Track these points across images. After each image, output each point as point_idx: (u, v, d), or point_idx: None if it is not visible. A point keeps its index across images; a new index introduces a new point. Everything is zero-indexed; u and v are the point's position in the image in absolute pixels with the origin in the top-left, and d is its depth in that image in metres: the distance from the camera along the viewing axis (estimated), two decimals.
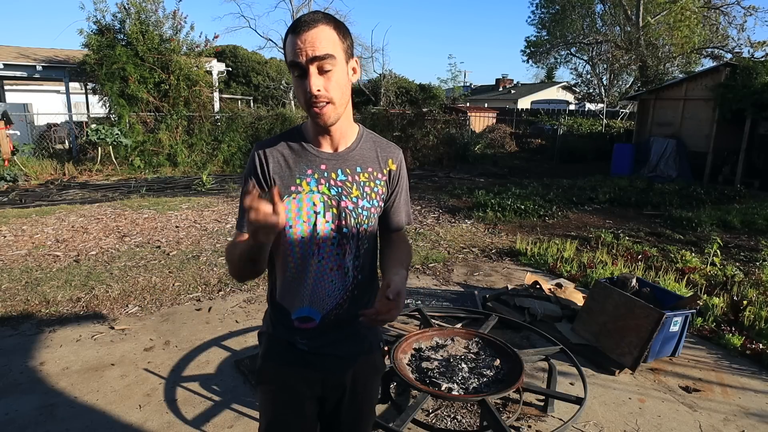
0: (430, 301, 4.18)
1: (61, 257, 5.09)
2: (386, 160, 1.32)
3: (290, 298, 1.28)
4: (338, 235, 1.25)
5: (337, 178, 1.24)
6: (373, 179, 1.29)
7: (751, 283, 4.65)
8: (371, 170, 1.29)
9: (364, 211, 1.27)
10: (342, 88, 1.16)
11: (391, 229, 1.40)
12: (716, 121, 11.63)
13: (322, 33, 1.11)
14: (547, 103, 27.32)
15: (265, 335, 1.38)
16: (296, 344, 1.30)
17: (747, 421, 2.69)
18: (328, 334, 1.29)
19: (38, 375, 2.92)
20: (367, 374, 1.39)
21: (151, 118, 11.57)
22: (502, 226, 7.07)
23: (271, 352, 1.35)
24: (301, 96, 1.15)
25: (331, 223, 1.23)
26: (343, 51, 1.15)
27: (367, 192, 1.27)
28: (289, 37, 1.13)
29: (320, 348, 1.30)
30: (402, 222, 1.41)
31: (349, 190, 1.25)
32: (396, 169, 1.34)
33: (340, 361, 1.32)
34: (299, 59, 1.11)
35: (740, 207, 8.38)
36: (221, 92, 15.76)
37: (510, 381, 2.28)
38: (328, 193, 1.23)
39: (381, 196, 1.31)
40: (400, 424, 2.18)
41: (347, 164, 1.26)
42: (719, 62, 14.93)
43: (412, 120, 13.99)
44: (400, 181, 1.35)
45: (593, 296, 3.57)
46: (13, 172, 9.46)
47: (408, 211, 1.43)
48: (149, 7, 11.38)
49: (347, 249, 1.26)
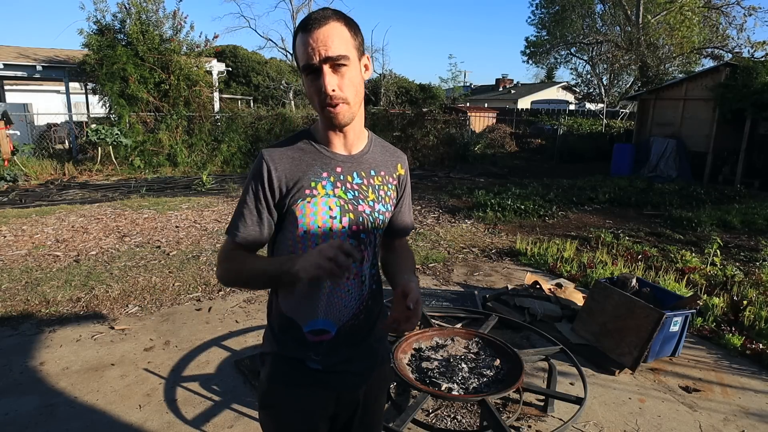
0: (430, 301, 4.18)
1: (61, 257, 5.09)
2: (396, 165, 1.30)
3: (302, 311, 1.19)
4: (356, 241, 1.18)
5: (353, 181, 1.18)
6: (386, 183, 1.25)
7: (751, 283, 4.64)
8: (384, 174, 1.25)
9: (381, 215, 1.22)
10: (356, 87, 1.10)
11: (397, 235, 1.37)
12: (716, 121, 11.63)
13: (334, 31, 1.05)
14: (547, 103, 27.32)
15: (271, 356, 1.24)
16: (308, 362, 1.20)
17: (747, 421, 2.69)
18: (342, 350, 1.21)
19: (38, 375, 2.92)
20: (378, 387, 1.36)
21: (151, 118, 11.57)
22: (502, 226, 7.07)
23: (278, 373, 1.22)
24: (315, 96, 1.09)
25: (348, 228, 1.16)
26: (355, 48, 1.09)
27: (381, 195, 1.23)
28: (300, 35, 1.06)
29: (335, 366, 1.21)
30: (409, 227, 1.39)
31: (365, 194, 1.19)
32: (404, 174, 1.32)
33: (356, 378, 1.26)
34: (313, 61, 1.05)
35: (740, 207, 8.37)
36: (221, 92, 15.76)
37: (510, 381, 2.28)
38: (344, 197, 1.16)
39: (393, 200, 1.27)
40: (400, 424, 2.18)
41: (362, 167, 1.20)
42: (719, 62, 14.94)
43: (412, 120, 13.99)
44: (406, 186, 1.33)
45: (593, 296, 3.57)
46: (13, 172, 9.46)
47: (412, 217, 1.42)
48: (149, 7, 11.39)
49: (365, 256, 1.20)
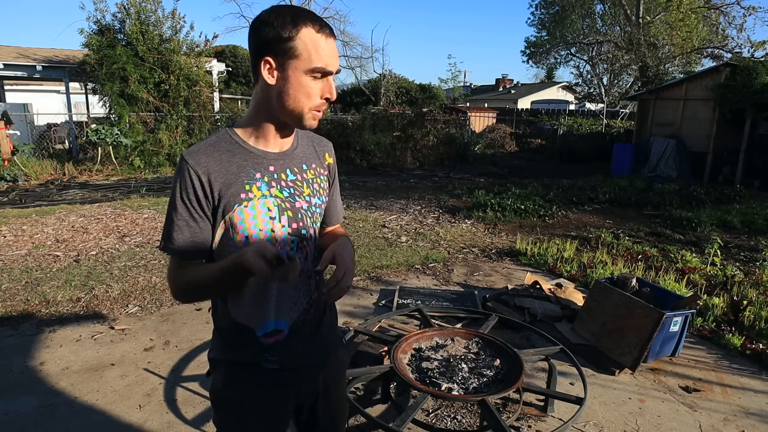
0: (430, 301, 4.18)
1: (61, 257, 5.09)
2: (324, 155, 1.30)
3: (253, 315, 1.17)
4: (297, 238, 1.18)
5: (287, 178, 1.18)
6: (318, 175, 1.26)
7: (751, 283, 4.65)
8: (315, 166, 1.25)
9: (317, 209, 1.24)
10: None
11: (331, 224, 1.38)
12: (716, 121, 11.64)
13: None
14: (547, 103, 27.34)
15: (222, 363, 1.22)
16: (264, 364, 1.19)
17: (747, 421, 2.69)
18: (297, 345, 1.22)
19: (38, 375, 2.92)
20: (336, 373, 1.38)
21: (151, 118, 11.58)
22: (502, 226, 7.07)
23: (232, 380, 1.21)
24: (311, 97, 1.09)
25: (288, 226, 1.16)
26: None
27: (316, 189, 1.24)
28: (323, 36, 1.07)
29: (290, 362, 1.22)
30: (341, 215, 1.41)
31: (300, 190, 1.20)
32: (333, 162, 1.33)
33: (312, 370, 1.28)
34: (331, 68, 1.09)
35: (740, 207, 8.38)
36: (221, 92, 15.75)
37: (510, 381, 2.28)
38: (281, 195, 1.16)
39: (326, 191, 1.29)
40: (400, 424, 2.18)
41: (294, 162, 1.20)
42: (719, 62, 14.93)
43: (412, 120, 13.98)
44: (335, 174, 1.34)
45: (593, 296, 3.57)
46: (13, 172, 9.46)
47: (341, 205, 1.43)
48: (149, 7, 11.39)
49: (307, 251, 1.21)
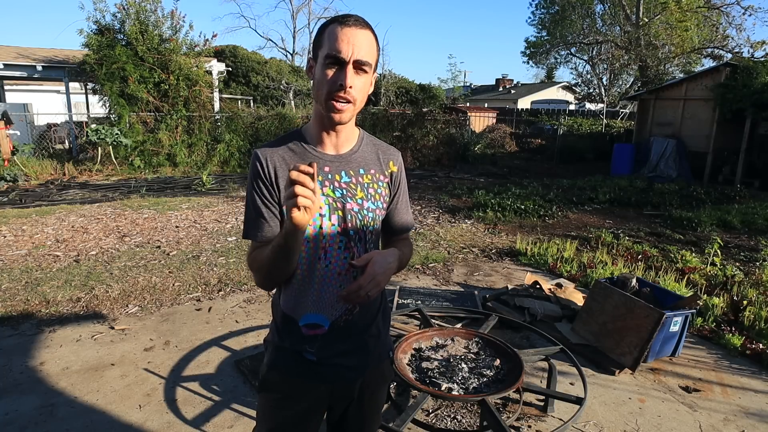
0: (430, 301, 4.18)
1: (61, 257, 5.09)
2: (387, 162, 1.33)
3: (296, 305, 1.25)
4: (345, 238, 1.23)
5: (341, 179, 1.23)
6: (376, 181, 1.29)
7: (751, 283, 4.65)
8: (374, 172, 1.29)
9: (369, 212, 1.26)
10: (364, 94, 1.19)
11: (397, 232, 1.39)
12: (716, 121, 11.64)
13: (368, 39, 1.14)
14: (547, 103, 27.32)
15: (271, 344, 1.33)
16: (304, 354, 1.26)
17: (747, 421, 2.69)
18: (337, 343, 1.26)
19: (38, 375, 2.92)
20: (375, 383, 1.38)
21: (151, 118, 11.57)
22: (502, 226, 7.07)
23: (277, 362, 1.30)
24: (325, 85, 1.13)
25: (337, 226, 1.22)
26: (375, 62, 1.19)
27: (371, 193, 1.27)
28: (336, 27, 1.12)
29: (329, 358, 1.27)
30: (407, 223, 1.41)
31: (353, 192, 1.24)
32: (397, 171, 1.35)
33: (350, 372, 1.30)
34: (343, 54, 1.10)
35: (740, 207, 8.38)
36: (221, 92, 15.75)
37: (510, 381, 2.27)
38: (332, 195, 1.21)
39: (384, 198, 1.31)
40: (400, 424, 2.18)
41: (350, 166, 1.26)
42: (719, 62, 14.94)
43: (412, 120, 13.98)
44: (401, 183, 1.37)
45: (593, 296, 3.57)
46: (13, 172, 9.46)
47: (411, 214, 1.43)
48: (148, 7, 11.38)
49: (355, 252, 1.24)
